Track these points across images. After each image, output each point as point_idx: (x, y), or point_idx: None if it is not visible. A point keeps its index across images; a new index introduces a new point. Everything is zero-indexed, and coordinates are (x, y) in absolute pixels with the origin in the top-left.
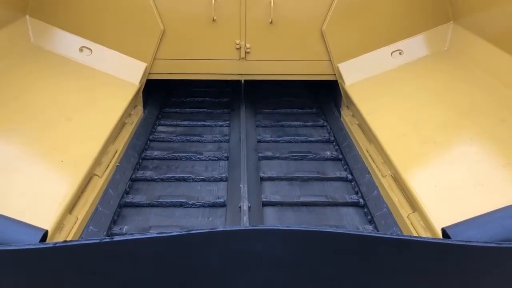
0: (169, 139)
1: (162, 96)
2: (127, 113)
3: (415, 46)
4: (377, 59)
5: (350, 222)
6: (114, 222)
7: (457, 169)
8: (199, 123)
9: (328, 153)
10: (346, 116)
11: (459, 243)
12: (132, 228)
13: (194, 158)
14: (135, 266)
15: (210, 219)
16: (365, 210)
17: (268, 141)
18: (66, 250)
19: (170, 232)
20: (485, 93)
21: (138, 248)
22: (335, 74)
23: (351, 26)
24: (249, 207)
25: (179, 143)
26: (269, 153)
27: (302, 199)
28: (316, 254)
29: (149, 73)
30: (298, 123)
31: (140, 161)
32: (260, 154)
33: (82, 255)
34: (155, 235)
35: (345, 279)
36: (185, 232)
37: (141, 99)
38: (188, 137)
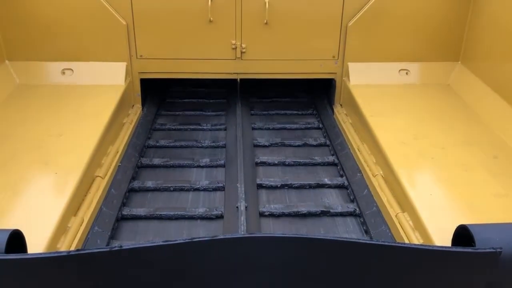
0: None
1: (160, 95)
2: (122, 113)
3: (421, 71)
4: (385, 71)
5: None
6: (117, 222)
7: (452, 186)
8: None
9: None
10: (339, 114)
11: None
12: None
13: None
14: (142, 271)
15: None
16: (356, 208)
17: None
18: (78, 258)
19: (175, 240)
20: (480, 129)
21: (145, 255)
22: (330, 73)
23: (374, 32)
24: (246, 207)
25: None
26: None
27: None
28: (309, 259)
29: (146, 72)
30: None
31: (140, 160)
32: (256, 159)
33: (94, 262)
34: (161, 243)
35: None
36: (189, 240)
37: (139, 98)
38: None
